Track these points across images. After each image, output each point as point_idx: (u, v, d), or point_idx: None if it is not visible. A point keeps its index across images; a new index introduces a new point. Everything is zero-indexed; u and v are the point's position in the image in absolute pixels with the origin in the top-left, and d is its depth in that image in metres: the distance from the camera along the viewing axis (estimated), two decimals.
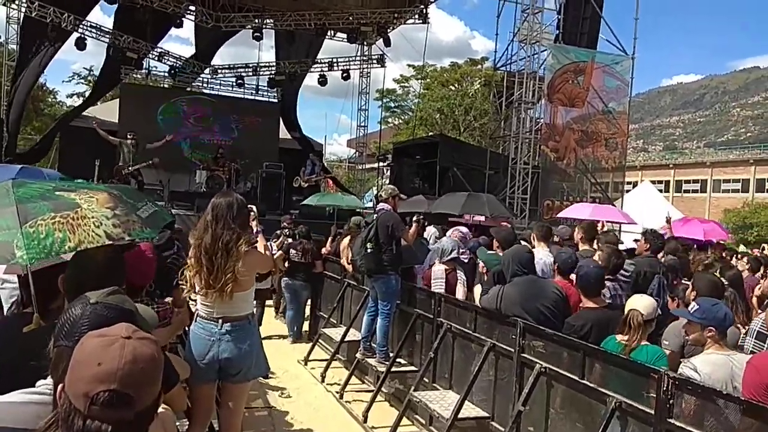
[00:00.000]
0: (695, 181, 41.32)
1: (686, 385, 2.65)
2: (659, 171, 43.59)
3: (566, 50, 15.51)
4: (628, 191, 20.07)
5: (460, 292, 5.30)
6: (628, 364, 3.04)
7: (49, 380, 1.41)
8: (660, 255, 5.51)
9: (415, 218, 5.57)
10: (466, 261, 5.88)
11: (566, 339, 3.53)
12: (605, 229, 7.69)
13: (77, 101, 29.99)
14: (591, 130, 16.05)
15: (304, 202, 11.98)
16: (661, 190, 31.83)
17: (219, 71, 20.52)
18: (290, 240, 8.10)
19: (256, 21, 18.22)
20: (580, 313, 3.93)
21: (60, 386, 1.18)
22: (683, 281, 4.84)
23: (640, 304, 3.30)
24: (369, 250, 5.19)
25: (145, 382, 1.14)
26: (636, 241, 6.77)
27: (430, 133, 28.32)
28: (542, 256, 4.97)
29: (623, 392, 3.02)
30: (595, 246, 5.28)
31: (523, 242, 5.99)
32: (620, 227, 12.38)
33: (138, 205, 2.46)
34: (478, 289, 5.21)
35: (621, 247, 6.00)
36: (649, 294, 4.04)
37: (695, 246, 8.31)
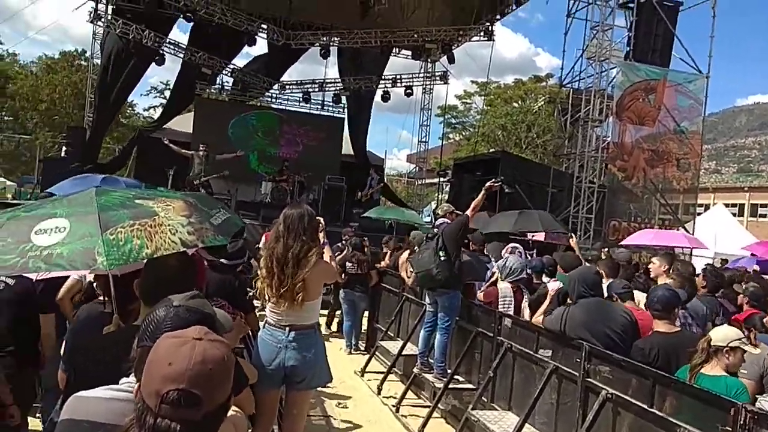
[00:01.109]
0: None
1: (766, 420, 2.51)
2: (733, 193, 41.31)
3: (637, 68, 15.06)
4: (699, 214, 19.15)
5: (526, 313, 5.23)
6: (702, 395, 2.90)
7: (132, 378, 1.47)
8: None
9: (487, 184, 5.33)
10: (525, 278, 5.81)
11: (635, 365, 3.41)
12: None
13: (154, 113, 31.62)
14: (662, 149, 15.46)
15: (366, 214, 12.11)
16: (734, 214, 30.18)
17: (287, 87, 21.14)
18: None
19: (324, 39, 18.71)
20: (649, 336, 3.80)
21: (137, 385, 1.24)
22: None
23: (717, 331, 3.19)
24: (443, 258, 5.15)
25: (213, 383, 1.17)
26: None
27: (492, 150, 28.06)
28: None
29: (695, 423, 2.89)
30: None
31: (587, 263, 5.86)
32: (691, 251, 11.84)
33: (212, 212, 2.56)
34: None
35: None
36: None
37: None
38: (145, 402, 1.17)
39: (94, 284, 3.00)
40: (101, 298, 2.75)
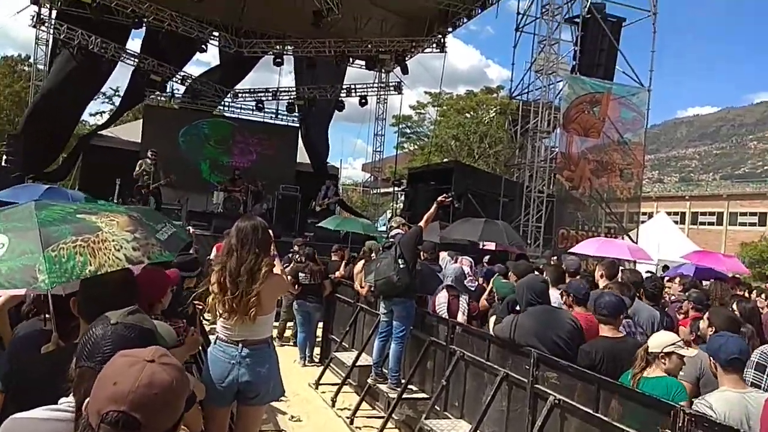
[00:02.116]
0: (711, 214, 40.86)
1: (703, 422, 2.63)
2: (675, 202, 43.22)
3: (582, 81, 15.61)
4: (643, 222, 19.93)
5: (459, 320, 5.35)
6: (644, 399, 3.02)
7: (71, 398, 1.44)
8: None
9: (440, 198, 5.45)
10: (473, 288, 5.92)
11: (581, 371, 3.52)
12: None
13: (100, 119, 30.57)
14: (606, 160, 16.04)
15: (321, 224, 12.05)
16: (676, 222, 31.54)
17: (240, 95, 20.90)
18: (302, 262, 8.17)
19: (278, 47, 18.61)
20: (595, 341, 3.92)
21: (85, 401, 1.21)
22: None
23: (653, 338, 3.34)
24: (402, 266, 5.18)
25: (157, 409, 1.13)
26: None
27: (445, 160, 28.45)
28: (556, 298, 4.92)
29: (638, 427, 3.00)
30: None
31: (536, 272, 6.01)
32: (635, 260, 12.29)
33: (157, 227, 2.51)
34: (493, 319, 5.23)
35: None
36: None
37: (713, 279, 8.24)
38: (87, 419, 1.15)
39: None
40: (42, 315, 2.64)
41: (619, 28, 16.36)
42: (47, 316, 2.45)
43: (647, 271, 9.99)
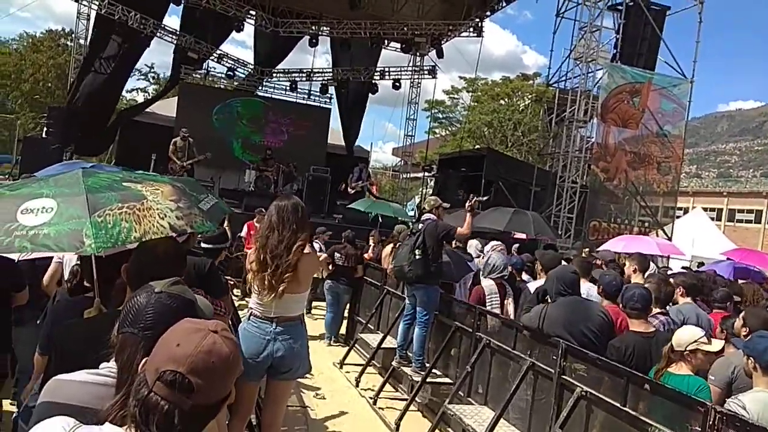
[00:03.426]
0: (750, 211, 39.64)
1: (734, 422, 2.58)
2: (712, 198, 42.05)
3: (623, 70, 15.21)
4: (678, 217, 19.47)
5: (510, 307, 5.30)
6: (674, 395, 2.97)
7: (113, 363, 1.47)
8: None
9: (468, 205, 5.43)
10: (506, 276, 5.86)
11: (609, 364, 3.47)
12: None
13: (137, 96, 31.15)
14: (644, 152, 15.66)
15: (352, 206, 12.08)
16: (713, 218, 30.71)
17: (274, 75, 20.98)
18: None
19: (313, 28, 18.59)
20: (624, 335, 3.87)
21: (144, 360, 1.24)
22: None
23: (676, 334, 3.28)
24: (417, 257, 5.21)
25: (212, 377, 1.15)
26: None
27: (477, 146, 28.17)
28: (585, 289, 4.84)
29: (666, 423, 2.96)
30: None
31: (565, 263, 5.93)
32: (668, 256, 12.03)
33: (200, 197, 2.55)
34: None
35: None
36: None
37: (750, 279, 8.02)
38: (145, 374, 1.18)
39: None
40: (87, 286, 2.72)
41: (663, 16, 15.87)
42: (89, 282, 2.52)
43: (682, 267, 9.77)
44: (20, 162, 14.33)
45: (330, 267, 7.80)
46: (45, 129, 15.90)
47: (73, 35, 19.02)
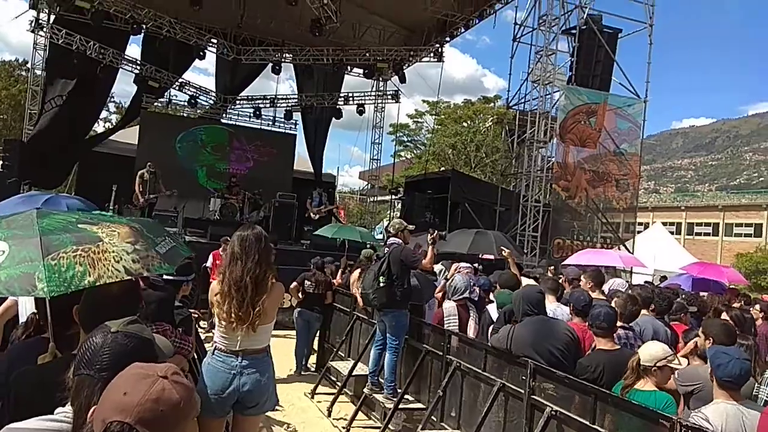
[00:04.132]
0: (707, 224, 41.03)
1: None
2: (671, 213, 43.42)
3: (579, 92, 15.70)
4: (639, 232, 19.99)
5: (471, 329, 5.31)
6: (640, 410, 3.02)
7: (68, 408, 1.43)
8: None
9: (429, 238, 5.54)
10: (475, 299, 5.90)
11: (578, 382, 3.52)
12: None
13: (98, 126, 30.54)
14: (602, 170, 16.12)
15: (318, 232, 12.02)
16: (672, 233, 31.63)
17: (237, 102, 20.93)
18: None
19: (276, 55, 18.67)
20: (593, 354, 3.93)
21: (92, 407, 1.21)
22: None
23: (645, 350, 3.34)
24: (382, 284, 5.23)
25: (161, 426, 1.13)
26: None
27: (442, 168, 28.52)
28: (553, 308, 4.91)
29: None
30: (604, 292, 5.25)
31: (532, 281, 6.01)
32: (632, 269, 12.32)
33: (157, 240, 2.49)
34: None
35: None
36: None
37: (709, 291, 8.26)
38: (92, 425, 1.15)
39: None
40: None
41: (615, 39, 16.48)
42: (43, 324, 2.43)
43: (645, 282, 10.00)
44: None
45: (300, 295, 7.72)
46: (1, 162, 15.44)
47: (27, 65, 18.61)
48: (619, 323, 4.12)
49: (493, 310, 5.35)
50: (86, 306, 2.08)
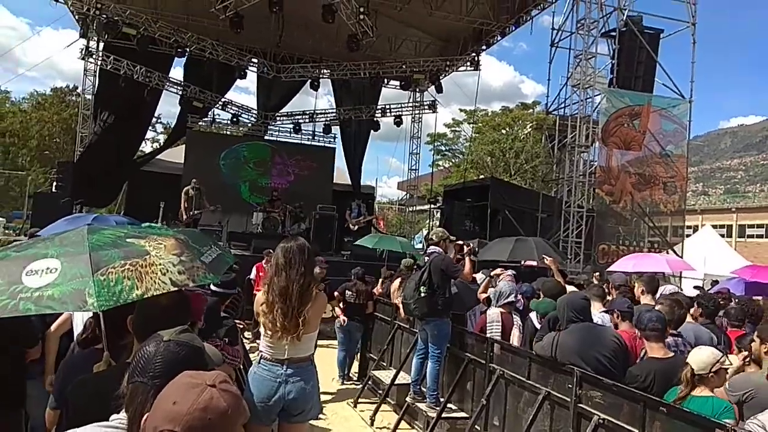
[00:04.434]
0: (759, 226, 39.28)
1: None
2: (721, 215, 41.78)
3: (621, 94, 15.38)
4: (688, 236, 19.32)
5: (515, 337, 5.24)
6: (692, 417, 2.93)
7: (123, 415, 1.47)
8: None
9: (465, 251, 5.57)
10: (520, 308, 5.82)
11: (626, 390, 3.43)
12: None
13: (144, 147, 31.69)
14: (648, 173, 15.69)
15: (358, 242, 12.11)
16: (723, 235, 30.43)
17: (278, 118, 21.36)
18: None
19: (314, 71, 19.00)
20: (644, 362, 3.81)
21: (145, 415, 1.26)
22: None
23: (694, 357, 3.22)
24: (423, 294, 5.23)
25: None
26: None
27: (481, 176, 28.32)
28: (600, 316, 4.80)
29: None
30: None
31: (575, 288, 5.90)
32: (681, 273, 11.92)
33: (203, 250, 2.57)
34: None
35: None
36: None
37: (764, 295, 7.90)
38: None
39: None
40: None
41: (657, 40, 16.09)
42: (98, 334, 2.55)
43: (695, 287, 9.67)
44: (31, 217, 14.54)
45: (341, 305, 7.79)
46: (55, 183, 16.19)
47: (77, 91, 19.53)
48: (667, 330, 4.00)
49: (535, 318, 5.28)
50: (139, 317, 2.17)
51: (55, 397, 2.61)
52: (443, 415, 5.20)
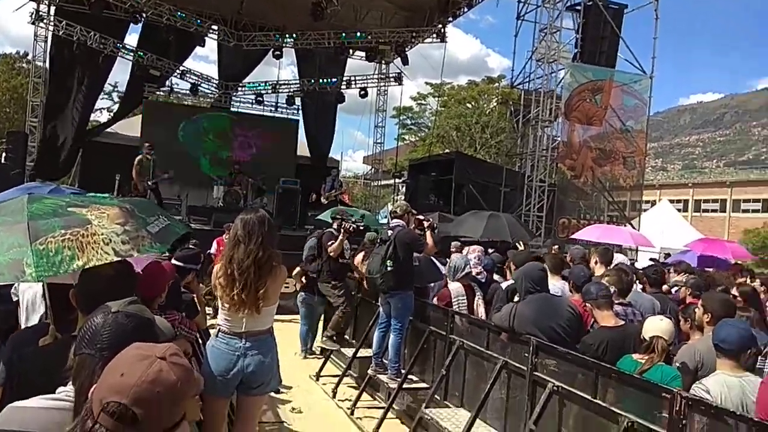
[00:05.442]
0: (714, 201, 40.70)
1: (699, 405, 2.63)
2: (678, 190, 43.07)
3: (584, 69, 15.53)
4: (646, 210, 19.87)
5: (481, 309, 5.30)
6: (642, 384, 3.02)
7: (70, 387, 1.45)
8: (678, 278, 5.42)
9: (426, 225, 5.58)
10: (482, 281, 5.88)
11: (579, 358, 3.52)
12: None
13: (100, 116, 30.61)
14: (609, 148, 15.99)
15: (320, 217, 12.02)
16: (679, 210, 31.42)
17: (239, 89, 20.84)
18: None
19: (277, 40, 18.55)
20: (596, 331, 3.92)
21: (92, 387, 1.22)
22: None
23: (661, 328, 3.30)
24: (389, 268, 5.21)
25: (158, 406, 1.13)
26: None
27: (447, 150, 28.40)
28: (557, 288, 4.89)
29: (636, 412, 3.00)
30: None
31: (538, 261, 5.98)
32: (638, 247, 12.26)
33: (149, 219, 2.47)
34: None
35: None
36: None
37: (714, 267, 8.21)
38: (91, 405, 1.16)
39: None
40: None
41: (620, 14, 16.26)
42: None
43: (650, 259, 9.96)
44: None
45: (303, 279, 7.73)
46: (4, 154, 15.50)
47: (28, 57, 18.66)
48: (616, 300, 4.10)
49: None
50: (81, 289, 2.10)
51: (2, 371, 2.53)
52: (404, 385, 5.26)
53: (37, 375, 1.86)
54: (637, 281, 5.38)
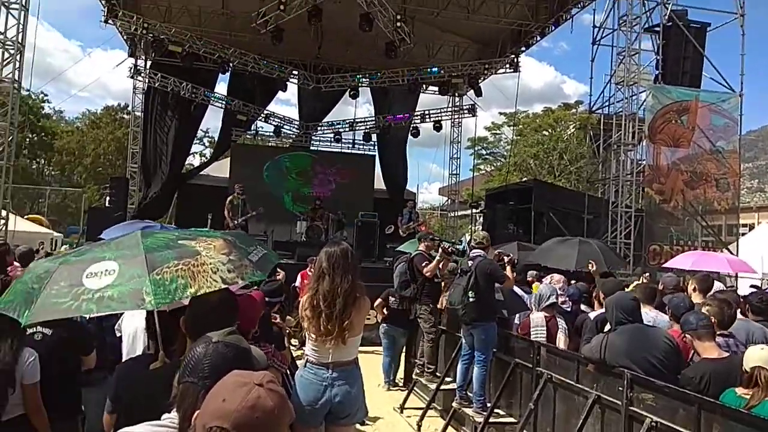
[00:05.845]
0: None
1: None
2: None
3: (667, 90, 14.90)
4: (743, 234, 18.53)
5: (561, 341, 5.14)
6: (750, 420, 2.81)
7: (174, 414, 1.52)
8: None
9: (507, 259, 5.55)
10: (568, 310, 5.71)
11: (679, 392, 3.33)
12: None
13: (193, 160, 32.67)
14: (699, 170, 15.11)
15: (400, 248, 12.10)
16: None
17: (319, 128, 21.65)
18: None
19: (353, 80, 19.19)
20: (698, 364, 3.68)
21: (195, 412, 1.30)
22: None
23: (763, 358, 3.07)
24: (471, 299, 5.19)
25: (256, 431, 1.17)
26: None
27: (524, 179, 27.92)
28: (650, 318, 4.64)
29: None
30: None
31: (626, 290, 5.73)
32: (737, 273, 11.43)
33: (249, 249, 2.66)
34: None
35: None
36: None
37: None
38: (195, 430, 1.22)
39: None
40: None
41: (703, 33, 15.55)
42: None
43: (751, 286, 9.26)
44: (86, 232, 15.18)
45: (384, 311, 7.80)
46: (108, 198, 16.86)
47: (128, 108, 20.34)
48: (717, 331, 3.85)
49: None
50: (190, 315, 2.27)
51: (111, 401, 2.71)
52: (490, 420, 5.15)
53: (146, 400, 1.97)
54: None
